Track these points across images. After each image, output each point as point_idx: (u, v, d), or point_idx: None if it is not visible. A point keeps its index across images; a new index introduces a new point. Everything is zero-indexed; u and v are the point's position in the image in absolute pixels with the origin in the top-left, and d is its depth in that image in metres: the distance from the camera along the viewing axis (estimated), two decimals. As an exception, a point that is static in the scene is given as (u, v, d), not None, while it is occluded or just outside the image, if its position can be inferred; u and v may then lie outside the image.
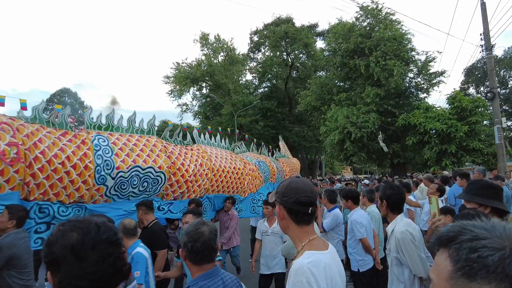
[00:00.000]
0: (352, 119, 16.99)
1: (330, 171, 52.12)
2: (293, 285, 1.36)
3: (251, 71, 34.00)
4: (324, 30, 32.42)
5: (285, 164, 10.16)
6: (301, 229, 1.54)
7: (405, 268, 2.67)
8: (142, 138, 4.93)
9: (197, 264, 1.91)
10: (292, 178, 1.68)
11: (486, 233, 0.66)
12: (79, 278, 0.99)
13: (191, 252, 1.90)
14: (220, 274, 1.96)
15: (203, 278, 1.87)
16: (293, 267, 1.42)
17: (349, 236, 4.50)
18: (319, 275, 1.36)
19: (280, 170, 9.21)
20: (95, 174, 4.10)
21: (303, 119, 29.27)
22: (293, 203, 1.51)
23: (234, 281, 2.00)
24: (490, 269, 0.62)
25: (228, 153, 6.75)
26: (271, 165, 8.44)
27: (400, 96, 18.88)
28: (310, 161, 33.23)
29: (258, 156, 8.20)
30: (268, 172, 8.06)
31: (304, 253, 1.45)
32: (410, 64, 18.69)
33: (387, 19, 18.99)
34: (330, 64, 21.03)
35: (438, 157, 16.09)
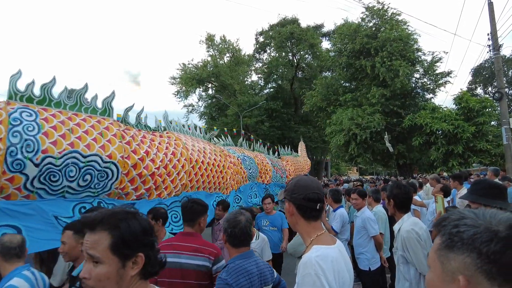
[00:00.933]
0: (357, 120, 16.97)
1: (336, 172, 51.98)
2: (302, 277, 1.42)
3: (257, 72, 34.09)
4: (329, 31, 32.39)
5: (290, 163, 9.75)
6: (309, 225, 1.60)
7: (411, 266, 2.72)
8: (91, 118, 3.81)
9: (235, 247, 2.28)
10: (300, 176, 1.75)
11: (472, 215, 0.77)
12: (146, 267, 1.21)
13: (230, 236, 2.28)
14: (254, 257, 2.31)
15: (238, 258, 2.22)
16: (302, 260, 1.48)
17: (359, 235, 4.48)
18: (327, 268, 1.41)
19: (281, 169, 8.67)
20: (6, 157, 3.00)
21: (308, 120, 29.25)
22: (302, 200, 1.58)
23: (267, 265, 2.33)
24: (464, 241, 0.74)
25: (205, 143, 5.88)
26: (262, 164, 7.64)
27: (406, 97, 18.80)
28: (316, 161, 33.16)
29: (244, 151, 7.38)
30: (255, 170, 7.20)
31: (312, 248, 1.51)
32: (416, 64, 18.60)
33: (393, 20, 18.94)
34: (336, 65, 21.01)
35: (444, 158, 16.01)
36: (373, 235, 4.35)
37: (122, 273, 1.15)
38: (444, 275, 0.77)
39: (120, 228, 1.16)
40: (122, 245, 1.15)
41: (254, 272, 2.16)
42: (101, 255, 1.14)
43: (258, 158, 7.57)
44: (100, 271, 1.13)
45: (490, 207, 2.43)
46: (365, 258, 4.36)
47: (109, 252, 1.14)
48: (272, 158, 8.46)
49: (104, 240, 1.15)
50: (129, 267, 1.17)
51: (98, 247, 1.14)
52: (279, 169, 8.46)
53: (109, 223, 1.16)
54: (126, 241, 1.15)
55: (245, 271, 2.12)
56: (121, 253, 1.15)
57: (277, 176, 8.23)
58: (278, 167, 8.43)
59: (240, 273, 2.10)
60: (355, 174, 55.61)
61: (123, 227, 1.16)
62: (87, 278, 1.13)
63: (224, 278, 2.06)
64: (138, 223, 1.20)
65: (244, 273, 2.12)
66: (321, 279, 1.38)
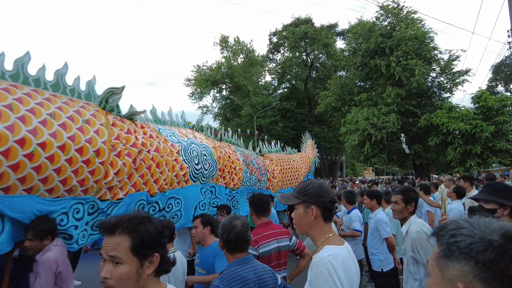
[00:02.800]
0: (372, 120, 16.83)
1: (351, 172, 51.48)
2: (315, 276, 1.51)
3: (270, 72, 34.18)
4: (344, 30, 32.14)
5: (276, 162, 7.64)
6: (325, 226, 1.70)
7: (420, 266, 2.76)
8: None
9: (231, 252, 2.23)
10: (318, 180, 1.87)
11: (467, 225, 0.82)
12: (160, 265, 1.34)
13: (226, 242, 2.23)
14: (252, 262, 2.23)
15: (234, 264, 2.17)
16: (314, 260, 1.57)
17: (372, 236, 4.51)
18: (338, 266, 1.51)
19: (259, 169, 6.63)
20: None
21: (323, 120, 29.13)
22: (328, 203, 1.69)
23: (267, 271, 2.24)
24: (461, 251, 0.78)
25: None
26: (226, 159, 5.45)
27: (422, 96, 18.52)
28: (331, 162, 33.00)
29: (198, 136, 5.21)
30: (211, 166, 5.02)
31: (324, 248, 1.60)
32: (433, 63, 18.29)
33: (408, 18, 18.68)
34: (350, 64, 20.87)
35: (462, 158, 15.69)
36: (386, 237, 4.38)
37: (140, 272, 1.27)
38: (444, 282, 0.81)
39: (139, 231, 1.28)
40: (142, 246, 1.27)
41: (250, 279, 2.09)
42: (123, 256, 1.25)
43: (221, 151, 5.42)
44: (122, 271, 1.24)
45: (505, 208, 2.47)
46: (378, 259, 4.39)
47: (129, 253, 1.25)
48: (247, 154, 6.48)
49: (125, 242, 1.26)
50: (146, 266, 1.29)
51: (119, 248, 1.25)
52: (256, 169, 6.48)
53: (129, 227, 1.28)
54: (144, 242, 1.28)
55: (239, 278, 2.06)
56: (140, 254, 1.27)
57: (252, 178, 6.23)
58: (255, 167, 6.46)
59: (234, 280, 2.04)
60: (370, 175, 54.95)
61: (142, 230, 1.29)
62: (108, 278, 1.24)
63: (217, 285, 2.03)
64: (154, 226, 1.33)
65: (238, 280, 2.05)
66: (334, 277, 1.47)
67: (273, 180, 7.26)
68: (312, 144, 10.97)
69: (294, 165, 8.39)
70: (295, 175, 8.31)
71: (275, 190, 7.29)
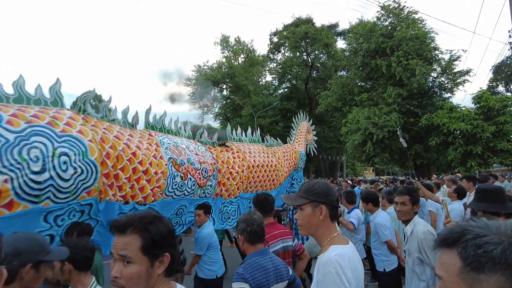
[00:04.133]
0: (373, 119, 16.84)
1: (351, 172, 51.45)
2: (323, 276, 1.52)
3: (271, 72, 34.15)
4: (344, 30, 32.14)
5: (243, 155, 5.72)
6: (331, 225, 1.72)
7: (426, 266, 2.76)
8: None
9: (253, 243, 2.39)
10: (322, 180, 1.90)
11: (484, 231, 0.78)
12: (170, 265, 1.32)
13: (250, 234, 2.38)
14: (269, 254, 2.44)
15: (255, 254, 2.34)
16: (321, 259, 1.58)
17: (374, 238, 4.54)
18: (345, 265, 1.52)
19: (200, 169, 4.57)
20: None
21: (323, 120, 29.12)
22: (335, 202, 1.72)
23: (282, 263, 2.44)
24: (495, 260, 0.73)
25: None
26: (120, 158, 3.48)
27: (423, 96, 18.53)
28: (331, 162, 32.99)
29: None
30: (79, 175, 3.02)
31: (330, 247, 1.61)
32: (434, 63, 18.32)
33: (409, 18, 18.70)
34: (351, 64, 20.89)
35: (463, 158, 15.70)
36: (385, 240, 4.40)
37: (150, 272, 1.25)
38: None
39: (150, 230, 1.26)
40: (152, 246, 1.25)
41: (270, 268, 2.27)
42: (133, 255, 1.23)
43: (113, 145, 3.43)
44: (132, 270, 1.23)
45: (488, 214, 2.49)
46: (380, 259, 4.43)
47: (140, 253, 1.24)
48: (185, 148, 4.51)
49: (135, 242, 1.24)
50: (157, 266, 1.27)
51: (130, 248, 1.24)
52: (196, 171, 4.47)
53: (139, 226, 1.26)
54: (155, 242, 1.26)
55: (261, 267, 2.24)
56: (150, 254, 1.25)
57: (186, 184, 4.31)
58: (194, 168, 4.45)
59: (256, 268, 2.22)
60: (371, 175, 54.92)
61: (153, 230, 1.27)
62: (118, 277, 1.24)
63: (241, 273, 2.19)
64: (165, 226, 1.31)
65: (260, 268, 2.23)
66: (341, 277, 1.48)
67: (228, 183, 5.20)
68: (308, 128, 8.72)
69: (272, 162, 6.31)
70: (272, 175, 6.24)
71: (232, 195, 5.40)
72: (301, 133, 8.24)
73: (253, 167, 5.80)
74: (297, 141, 8.06)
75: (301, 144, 8.02)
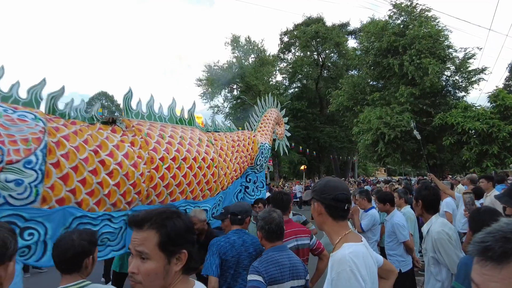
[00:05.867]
0: (385, 119, 16.65)
1: (363, 173, 51.01)
2: (337, 274, 1.50)
3: (281, 72, 34.09)
4: (355, 29, 31.95)
5: (141, 142, 3.64)
6: (337, 224, 1.69)
7: (442, 267, 2.72)
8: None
9: (271, 241, 2.46)
10: (329, 177, 1.85)
11: None
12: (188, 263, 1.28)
13: (268, 232, 2.45)
14: (287, 250, 2.50)
15: (272, 250, 2.42)
16: (335, 258, 1.56)
17: (389, 238, 4.47)
18: (359, 263, 1.50)
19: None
20: None
21: (334, 119, 28.96)
22: (331, 200, 1.67)
23: (300, 261, 2.49)
24: None
25: None
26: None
27: (436, 95, 18.22)
28: (342, 162, 32.76)
29: None
30: None
31: (343, 245, 1.59)
32: (447, 62, 17.98)
33: (422, 16, 18.41)
34: (363, 63, 20.71)
35: (478, 158, 15.38)
36: (403, 241, 4.34)
37: (168, 269, 1.23)
38: None
39: (167, 226, 1.23)
40: (169, 242, 1.22)
41: (285, 264, 2.33)
42: (150, 251, 1.20)
43: None
44: (149, 266, 1.20)
45: None
46: (396, 260, 4.36)
47: (157, 249, 1.21)
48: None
49: (152, 238, 1.21)
50: (174, 263, 1.24)
51: (147, 244, 1.21)
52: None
53: (157, 222, 1.23)
54: (172, 238, 1.23)
55: (276, 262, 2.31)
56: (167, 250, 1.22)
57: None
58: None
59: (271, 263, 2.30)
60: (383, 175, 54.31)
61: (170, 226, 1.24)
62: (136, 273, 1.22)
63: (256, 266, 2.29)
64: (182, 222, 1.28)
65: (275, 263, 2.30)
66: (356, 275, 1.46)
67: (80, 187, 3.06)
68: (278, 117, 6.84)
69: (206, 154, 4.24)
70: (206, 176, 4.19)
71: (98, 209, 3.23)
72: (267, 121, 6.32)
73: (163, 161, 3.65)
74: (260, 129, 6.10)
75: (266, 135, 6.05)
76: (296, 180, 35.03)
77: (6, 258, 1.06)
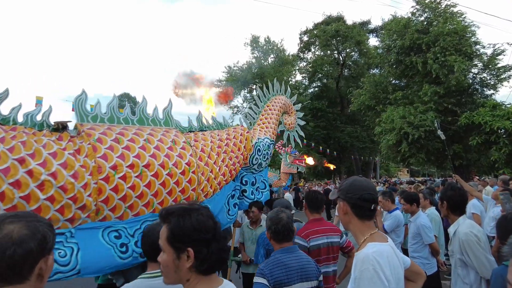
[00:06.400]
0: (409, 118, 16.27)
1: (385, 173, 50.00)
2: (360, 273, 1.50)
3: (301, 71, 33.90)
4: (377, 27, 31.41)
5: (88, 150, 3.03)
6: (363, 224, 1.69)
7: (470, 269, 2.65)
8: None
9: (278, 242, 2.44)
10: (356, 177, 1.85)
11: None
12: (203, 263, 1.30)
13: (274, 233, 2.44)
14: (297, 252, 2.45)
15: (279, 252, 2.40)
16: (359, 256, 1.56)
17: (414, 240, 4.37)
18: (384, 263, 1.50)
19: None
20: None
21: (356, 119, 28.53)
22: (357, 199, 1.67)
23: (311, 262, 2.45)
24: None
25: None
26: None
27: (462, 94, 17.65)
28: (364, 162, 32.22)
29: None
30: None
31: (368, 245, 1.59)
32: (474, 58, 17.36)
33: (447, 12, 17.88)
34: (385, 62, 20.32)
35: (508, 159, 14.77)
36: (429, 243, 4.24)
37: (177, 264, 1.29)
38: None
39: (172, 223, 1.32)
40: (174, 238, 1.30)
41: (293, 266, 2.31)
42: (162, 244, 1.32)
43: None
44: (163, 258, 1.32)
45: None
46: (421, 262, 4.26)
47: (166, 243, 1.31)
48: None
49: (164, 232, 1.33)
50: (184, 259, 1.29)
51: (161, 237, 1.33)
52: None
53: (168, 218, 1.34)
54: (176, 235, 1.30)
55: (282, 264, 2.30)
56: (174, 246, 1.30)
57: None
58: None
59: (277, 265, 2.29)
60: (405, 176, 53.05)
61: (175, 223, 1.31)
62: (160, 262, 1.34)
63: (261, 268, 2.31)
64: (191, 221, 1.31)
65: (281, 266, 2.29)
66: (379, 274, 1.46)
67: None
68: (286, 104, 5.90)
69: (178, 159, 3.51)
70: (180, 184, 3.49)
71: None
72: (270, 112, 5.31)
73: (115, 169, 3.08)
74: (260, 122, 5.16)
75: (268, 128, 5.09)
76: (316, 180, 34.72)
77: (46, 252, 1.13)
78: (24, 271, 1.04)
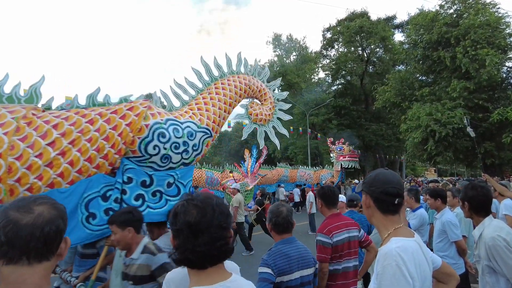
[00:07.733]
0: (436, 116, 15.69)
1: (411, 173, 48.53)
2: (383, 268, 1.43)
3: (324, 69, 33.45)
4: (402, 22, 30.52)
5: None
6: (386, 218, 1.61)
7: (500, 277, 2.43)
8: None
9: (278, 233, 2.60)
10: (381, 169, 1.76)
11: None
12: (191, 252, 1.16)
13: (275, 225, 2.59)
14: (295, 242, 2.61)
15: (280, 243, 2.56)
16: (382, 251, 1.49)
17: (439, 238, 4.18)
18: (408, 259, 1.42)
19: None
20: None
21: (381, 117, 27.87)
22: (380, 193, 1.60)
23: (308, 251, 2.63)
24: None
25: None
26: None
27: (494, 89, 16.84)
28: (389, 161, 31.40)
29: None
30: None
31: (391, 239, 1.52)
32: (509, 51, 16.53)
33: (478, 3, 17.10)
34: (411, 57, 19.75)
35: (544, 157, 13.97)
36: (455, 240, 4.03)
37: None
38: None
39: None
40: None
41: (293, 256, 2.49)
42: None
43: None
44: None
45: None
46: (447, 263, 4.08)
47: None
48: None
49: None
50: None
51: None
52: None
53: None
54: None
55: (284, 255, 2.47)
56: None
57: None
58: None
59: (279, 256, 2.46)
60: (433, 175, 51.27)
61: None
62: None
63: (265, 259, 2.45)
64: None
65: (283, 256, 2.46)
66: (402, 270, 1.39)
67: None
68: (252, 85, 4.59)
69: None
70: None
71: None
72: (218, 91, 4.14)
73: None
74: (195, 103, 3.95)
75: (204, 112, 3.85)
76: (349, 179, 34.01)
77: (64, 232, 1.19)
78: (53, 248, 1.10)
